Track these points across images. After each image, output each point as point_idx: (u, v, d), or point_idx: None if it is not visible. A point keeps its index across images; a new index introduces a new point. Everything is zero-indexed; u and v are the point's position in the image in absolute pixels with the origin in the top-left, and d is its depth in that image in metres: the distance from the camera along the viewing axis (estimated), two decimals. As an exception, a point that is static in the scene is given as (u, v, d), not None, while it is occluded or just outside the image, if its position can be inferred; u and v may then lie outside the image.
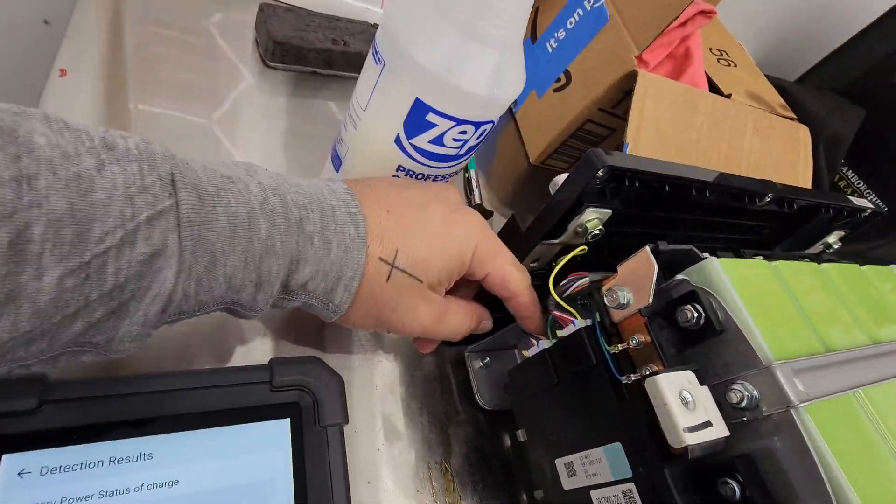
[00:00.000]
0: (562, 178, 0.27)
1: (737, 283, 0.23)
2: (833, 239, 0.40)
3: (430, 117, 0.27)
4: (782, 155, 0.52)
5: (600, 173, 0.24)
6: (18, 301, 0.14)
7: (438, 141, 0.29)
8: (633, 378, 0.24)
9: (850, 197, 0.38)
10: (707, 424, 0.20)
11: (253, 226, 0.20)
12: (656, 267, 0.23)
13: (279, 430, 0.25)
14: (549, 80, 0.51)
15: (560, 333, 0.27)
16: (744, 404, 0.21)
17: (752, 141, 0.49)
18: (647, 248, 0.23)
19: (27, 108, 0.16)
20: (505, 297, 0.29)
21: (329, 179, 0.26)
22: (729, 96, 0.50)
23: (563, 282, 0.27)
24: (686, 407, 0.20)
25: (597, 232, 0.26)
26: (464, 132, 0.28)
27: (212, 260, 0.19)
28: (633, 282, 0.24)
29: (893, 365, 0.26)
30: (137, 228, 0.17)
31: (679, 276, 0.24)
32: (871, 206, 0.38)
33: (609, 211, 0.26)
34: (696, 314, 0.23)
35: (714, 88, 0.51)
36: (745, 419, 0.21)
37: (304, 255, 0.21)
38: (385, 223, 0.24)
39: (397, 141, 0.29)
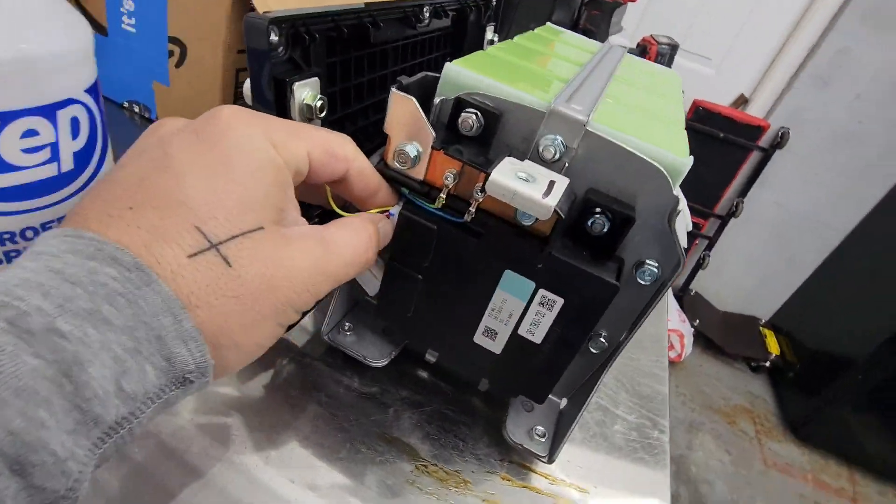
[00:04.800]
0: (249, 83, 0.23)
1: (480, 71, 0.23)
2: (490, 35, 0.45)
3: None
4: None
5: (273, 36, 0.21)
6: None
7: None
8: (472, 211, 0.23)
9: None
10: (552, 183, 0.20)
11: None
12: (414, 99, 0.22)
13: None
14: (161, 60, 0.44)
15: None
16: (557, 154, 0.22)
17: None
18: (393, 88, 0.22)
19: None
20: (340, 175, 0.22)
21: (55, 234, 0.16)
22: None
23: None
24: (528, 182, 0.20)
25: (321, 103, 0.24)
26: (34, 132, 0.21)
27: None
28: (407, 130, 0.22)
29: (604, 69, 0.31)
30: None
31: (436, 100, 0.23)
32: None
33: (316, 78, 0.24)
34: (474, 115, 0.22)
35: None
36: (566, 165, 0.23)
37: (81, 357, 0.14)
38: (144, 236, 0.16)
39: None
